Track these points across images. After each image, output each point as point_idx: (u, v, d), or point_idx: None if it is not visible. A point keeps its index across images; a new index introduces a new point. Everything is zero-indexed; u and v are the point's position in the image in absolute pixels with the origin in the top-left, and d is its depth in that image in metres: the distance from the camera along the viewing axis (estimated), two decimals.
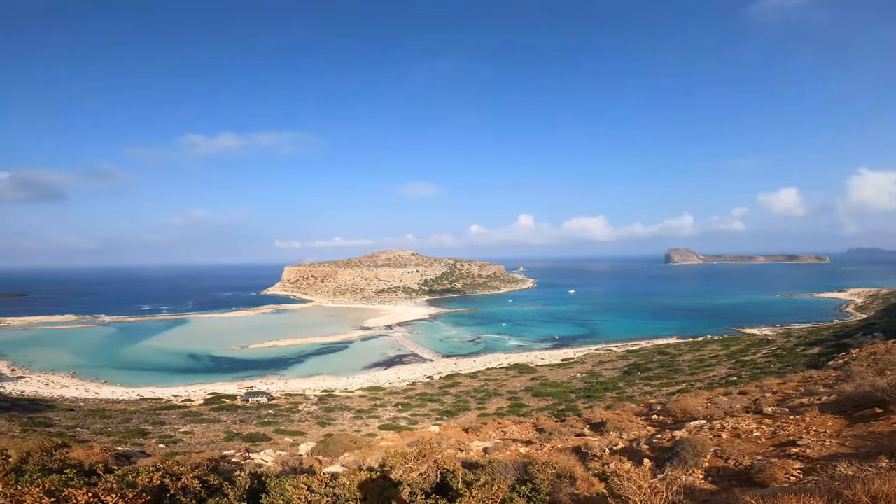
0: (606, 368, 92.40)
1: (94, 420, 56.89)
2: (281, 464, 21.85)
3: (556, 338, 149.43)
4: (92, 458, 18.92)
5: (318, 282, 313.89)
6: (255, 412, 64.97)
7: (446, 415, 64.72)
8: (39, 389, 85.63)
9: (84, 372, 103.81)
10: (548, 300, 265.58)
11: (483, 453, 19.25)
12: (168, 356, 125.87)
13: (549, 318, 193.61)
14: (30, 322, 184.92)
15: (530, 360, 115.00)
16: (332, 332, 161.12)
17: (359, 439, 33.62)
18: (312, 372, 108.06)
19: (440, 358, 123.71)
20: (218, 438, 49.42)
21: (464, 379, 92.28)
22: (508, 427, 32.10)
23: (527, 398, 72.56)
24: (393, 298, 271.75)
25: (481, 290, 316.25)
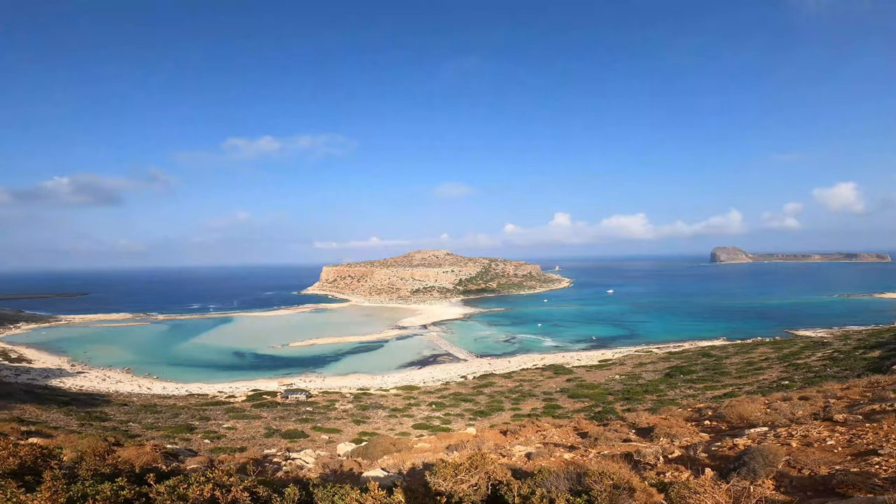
0: (646, 370, 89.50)
1: (145, 415, 59.84)
2: (322, 466, 22.15)
3: (593, 338, 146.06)
4: (142, 459, 19.83)
5: (355, 281, 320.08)
6: (293, 409, 66.83)
7: (480, 415, 64.41)
8: (97, 384, 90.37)
9: (138, 368, 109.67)
10: (585, 300, 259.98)
11: (526, 459, 18.58)
12: (214, 353, 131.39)
13: (586, 319, 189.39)
14: (89, 320, 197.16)
15: (566, 360, 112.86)
16: (369, 332, 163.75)
17: (398, 442, 33.83)
18: (349, 370, 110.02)
19: (474, 358, 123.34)
20: (258, 434, 51.05)
21: (498, 379, 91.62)
22: (548, 430, 31.33)
23: (562, 399, 71.25)
24: (428, 298, 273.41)
25: (516, 289, 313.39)
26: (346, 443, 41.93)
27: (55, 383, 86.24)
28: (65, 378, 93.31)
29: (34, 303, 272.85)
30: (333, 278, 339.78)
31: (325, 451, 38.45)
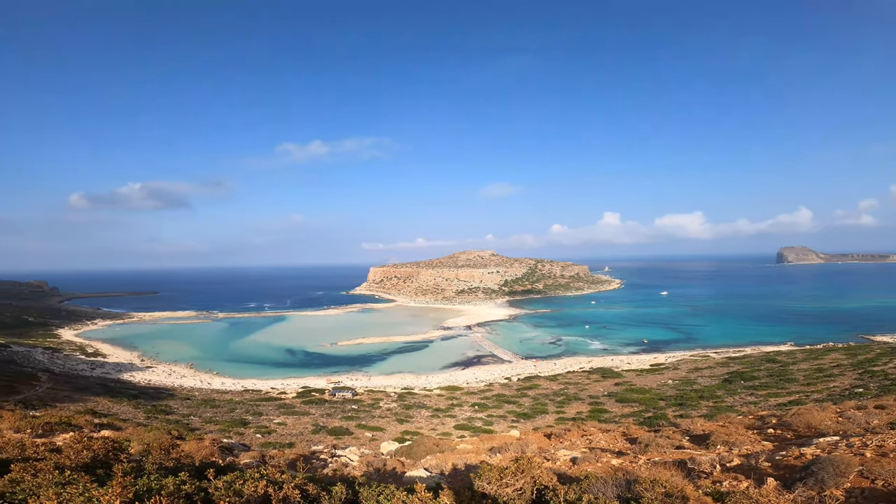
0: (703, 375, 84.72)
1: (205, 409, 63.22)
2: (366, 464, 22.46)
3: (644, 342, 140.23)
4: (202, 453, 20.93)
5: (401, 282, 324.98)
6: (340, 406, 68.52)
7: (523, 417, 63.29)
8: (163, 379, 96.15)
9: (200, 363, 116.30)
10: (636, 302, 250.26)
11: (571, 463, 18.10)
12: (268, 350, 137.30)
13: (637, 321, 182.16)
14: (157, 317, 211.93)
15: (615, 364, 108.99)
16: (414, 332, 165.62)
17: (441, 442, 33.85)
18: (394, 370, 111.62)
19: (519, 359, 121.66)
20: (306, 431, 52.68)
21: (543, 381, 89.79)
22: (594, 435, 30.18)
23: (609, 404, 68.73)
24: (473, 299, 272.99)
25: (563, 290, 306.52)
26: (390, 441, 42.49)
27: (126, 377, 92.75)
28: (135, 372, 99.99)
29: (110, 301, 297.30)
30: (380, 279, 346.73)
31: (369, 448, 39.02)
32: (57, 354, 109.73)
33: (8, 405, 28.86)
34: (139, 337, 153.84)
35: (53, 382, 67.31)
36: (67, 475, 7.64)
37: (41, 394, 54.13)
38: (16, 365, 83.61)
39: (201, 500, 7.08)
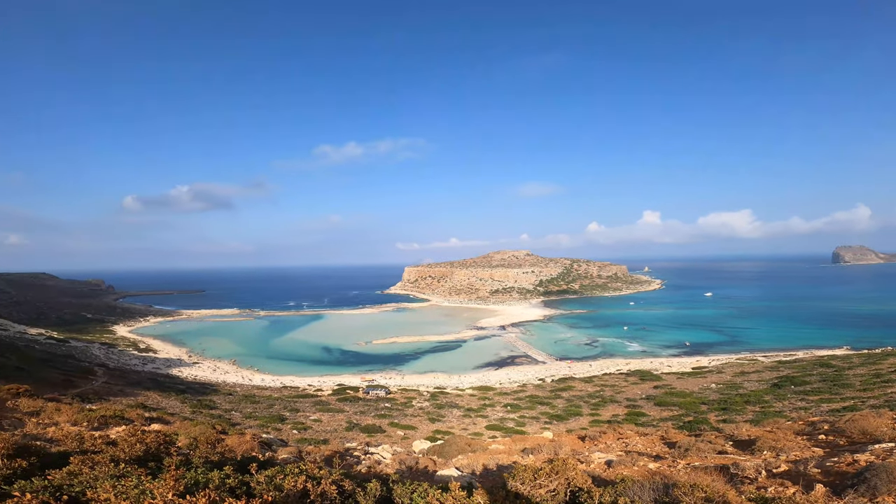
0: (749, 380, 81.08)
1: (245, 405, 65.47)
2: (398, 462, 22.90)
3: (686, 344, 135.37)
4: (243, 447, 21.96)
5: (435, 282, 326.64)
6: (373, 405, 69.72)
7: (556, 419, 62.49)
8: (208, 374, 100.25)
9: (242, 360, 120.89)
10: (678, 303, 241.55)
11: (606, 466, 17.81)
12: (306, 348, 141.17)
13: (678, 323, 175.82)
14: (204, 314, 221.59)
15: (654, 366, 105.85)
16: (447, 331, 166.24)
17: (473, 442, 34.03)
18: (427, 369, 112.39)
19: (553, 360, 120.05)
20: (340, 427, 53.89)
21: (577, 383, 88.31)
22: (631, 438, 29.65)
23: (647, 407, 66.86)
24: (507, 299, 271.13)
25: (600, 291, 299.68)
26: (421, 440, 42.98)
27: (174, 372, 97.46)
28: (182, 368, 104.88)
29: (161, 298, 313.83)
30: (415, 278, 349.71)
31: (401, 447, 39.60)
32: (112, 350, 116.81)
33: (66, 399, 31.11)
34: (187, 334, 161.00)
35: (108, 377, 71.74)
36: (122, 468, 8.02)
37: (97, 388, 57.87)
38: (74, 360, 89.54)
39: (244, 493, 7.24)
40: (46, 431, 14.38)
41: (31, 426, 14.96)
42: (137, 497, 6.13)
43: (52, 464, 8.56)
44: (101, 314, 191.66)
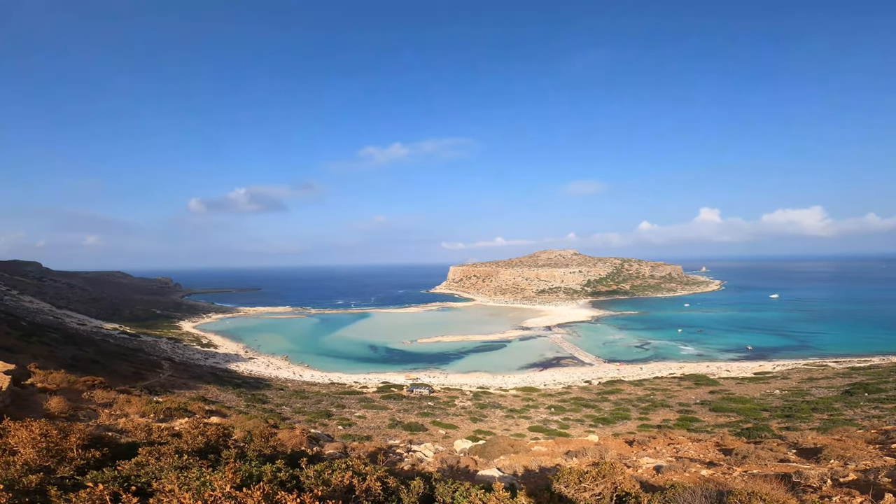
0: (818, 386, 75.79)
1: (295, 400, 68.31)
2: (440, 461, 23.35)
3: (748, 348, 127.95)
4: (292, 441, 23.20)
5: (480, 281, 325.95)
6: (416, 403, 70.79)
7: (602, 422, 61.01)
8: (262, 370, 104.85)
9: (293, 356, 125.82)
10: (739, 305, 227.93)
11: (654, 472, 17.40)
12: (353, 346, 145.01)
13: (739, 326, 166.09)
14: (260, 312, 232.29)
15: (711, 371, 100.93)
16: (492, 331, 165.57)
17: (515, 443, 33.95)
18: (470, 368, 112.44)
19: (601, 362, 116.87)
20: (383, 424, 55.17)
21: (626, 386, 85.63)
22: (683, 444, 28.69)
23: (702, 412, 63.93)
24: (553, 299, 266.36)
25: (653, 291, 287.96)
26: (463, 439, 43.31)
27: (232, 367, 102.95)
28: (239, 363, 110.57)
29: (221, 296, 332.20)
30: (459, 278, 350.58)
31: (443, 445, 40.10)
32: (178, 345, 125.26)
33: (135, 391, 33.90)
34: (244, 330, 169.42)
35: (174, 370, 77.14)
36: (185, 459, 8.45)
37: (163, 380, 62.45)
38: (144, 353, 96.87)
39: (294, 487, 7.50)
40: (117, 422, 15.90)
41: (104, 417, 16.59)
42: (199, 489, 6.38)
43: (122, 454, 9.14)
44: (168, 310, 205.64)
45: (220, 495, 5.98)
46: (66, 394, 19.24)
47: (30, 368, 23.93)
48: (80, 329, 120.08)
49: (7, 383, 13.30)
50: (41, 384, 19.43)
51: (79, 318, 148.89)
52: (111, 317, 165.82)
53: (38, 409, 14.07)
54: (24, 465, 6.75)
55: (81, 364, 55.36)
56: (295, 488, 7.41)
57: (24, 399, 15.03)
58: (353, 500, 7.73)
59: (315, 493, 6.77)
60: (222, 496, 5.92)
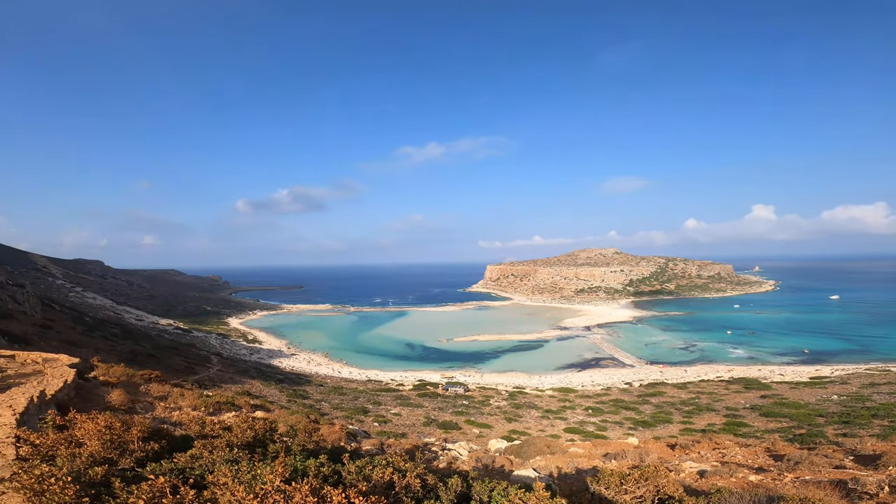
0: (879, 392, 70.92)
1: (334, 396, 69.97)
2: (475, 460, 23.62)
3: (805, 351, 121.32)
4: (332, 436, 24.04)
5: (518, 280, 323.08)
6: (451, 401, 71.17)
7: (642, 425, 59.36)
8: (303, 366, 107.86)
9: (333, 352, 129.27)
10: (795, 306, 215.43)
11: (698, 476, 17.02)
12: (390, 343, 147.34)
13: (794, 328, 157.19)
14: (302, 309, 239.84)
15: (762, 374, 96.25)
16: (529, 330, 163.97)
17: (552, 444, 33.76)
18: (506, 368, 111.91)
19: (643, 364, 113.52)
20: (418, 422, 55.85)
21: (669, 389, 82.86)
22: (729, 448, 27.79)
23: (751, 417, 61.07)
24: (593, 299, 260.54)
25: (700, 292, 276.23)
26: (497, 439, 43.32)
27: (275, 363, 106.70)
28: (282, 359, 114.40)
29: (266, 293, 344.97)
30: (497, 277, 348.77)
31: (477, 444, 40.32)
32: (226, 340, 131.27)
33: (187, 385, 35.95)
34: (287, 326, 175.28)
35: (222, 365, 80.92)
36: (235, 453, 8.69)
37: (212, 375, 65.69)
38: (195, 349, 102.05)
39: (336, 481, 7.76)
40: (172, 415, 17.05)
41: (160, 410, 17.81)
42: (250, 482, 6.58)
43: (178, 447, 9.53)
44: (217, 307, 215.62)
45: (271, 489, 6.18)
46: (125, 387, 20.77)
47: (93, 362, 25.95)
48: (138, 324, 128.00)
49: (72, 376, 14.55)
50: (103, 377, 21.06)
51: (137, 313, 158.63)
52: (166, 313, 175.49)
53: (100, 402, 15.29)
54: (89, 456, 7.29)
55: (139, 358, 59.10)
56: (338, 483, 7.62)
57: (87, 392, 16.38)
58: (393, 496, 7.85)
59: (359, 488, 6.93)
60: (272, 490, 6.14)
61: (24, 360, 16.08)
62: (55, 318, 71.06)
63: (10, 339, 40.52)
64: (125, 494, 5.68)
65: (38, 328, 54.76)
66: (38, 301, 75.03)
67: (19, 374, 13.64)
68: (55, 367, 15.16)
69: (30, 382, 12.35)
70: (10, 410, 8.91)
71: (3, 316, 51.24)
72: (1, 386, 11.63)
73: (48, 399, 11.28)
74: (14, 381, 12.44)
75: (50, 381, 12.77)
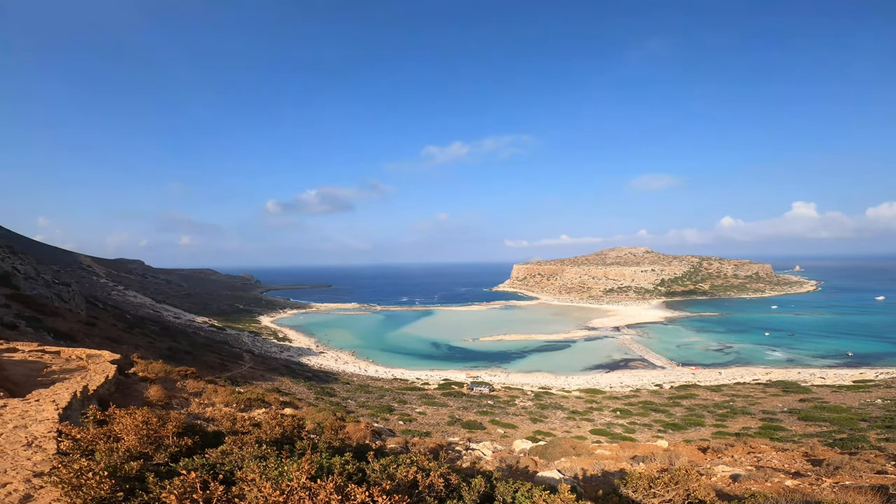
0: None
1: (360, 394, 71.00)
2: (499, 460, 23.57)
3: (848, 354, 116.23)
4: (358, 434, 24.40)
5: (545, 279, 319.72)
6: (476, 401, 71.12)
7: (672, 427, 57.91)
8: (331, 364, 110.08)
9: (360, 351, 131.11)
10: (838, 308, 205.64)
11: (731, 481, 16.64)
12: (416, 342, 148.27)
13: (838, 330, 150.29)
14: (330, 308, 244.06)
15: (802, 378, 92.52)
16: (556, 330, 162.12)
17: (578, 445, 33.32)
18: (532, 368, 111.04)
19: (675, 366, 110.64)
20: (443, 421, 56.03)
21: (702, 391, 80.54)
22: (764, 453, 26.87)
23: (789, 421, 58.85)
24: (623, 299, 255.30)
25: (736, 292, 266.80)
26: (522, 439, 43.02)
27: (304, 360, 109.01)
28: (311, 356, 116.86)
29: (296, 292, 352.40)
30: (523, 276, 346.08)
31: (501, 445, 40.17)
32: (257, 338, 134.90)
33: (220, 381, 37.09)
34: (316, 325, 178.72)
35: (253, 363, 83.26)
36: (263, 449, 8.79)
37: (244, 372, 67.72)
38: (228, 346, 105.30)
39: (361, 479, 7.77)
40: (205, 411, 17.66)
41: (194, 406, 18.46)
42: (277, 478, 6.68)
43: (210, 442, 9.72)
44: (250, 306, 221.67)
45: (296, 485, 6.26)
46: (162, 383, 21.65)
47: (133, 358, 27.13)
48: (175, 322, 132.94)
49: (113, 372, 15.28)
50: (142, 373, 22.00)
51: (174, 311, 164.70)
52: (202, 311, 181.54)
53: (138, 397, 16.00)
54: (126, 451, 7.60)
55: (176, 355, 61.43)
56: (363, 481, 7.64)
57: (127, 387, 17.18)
58: (416, 495, 7.84)
59: (383, 486, 6.99)
60: (298, 487, 6.22)
61: (69, 356, 16.99)
62: (98, 316, 74.63)
63: (56, 336, 42.81)
64: (158, 489, 5.89)
65: (83, 325, 57.63)
66: (83, 299, 78.91)
67: (64, 369, 14.43)
68: (97, 363, 15.96)
69: (73, 378, 13.05)
70: (54, 405, 9.43)
71: (51, 313, 54.16)
72: (46, 381, 12.32)
73: (90, 394, 11.88)
74: (59, 376, 13.17)
75: (92, 377, 13.45)
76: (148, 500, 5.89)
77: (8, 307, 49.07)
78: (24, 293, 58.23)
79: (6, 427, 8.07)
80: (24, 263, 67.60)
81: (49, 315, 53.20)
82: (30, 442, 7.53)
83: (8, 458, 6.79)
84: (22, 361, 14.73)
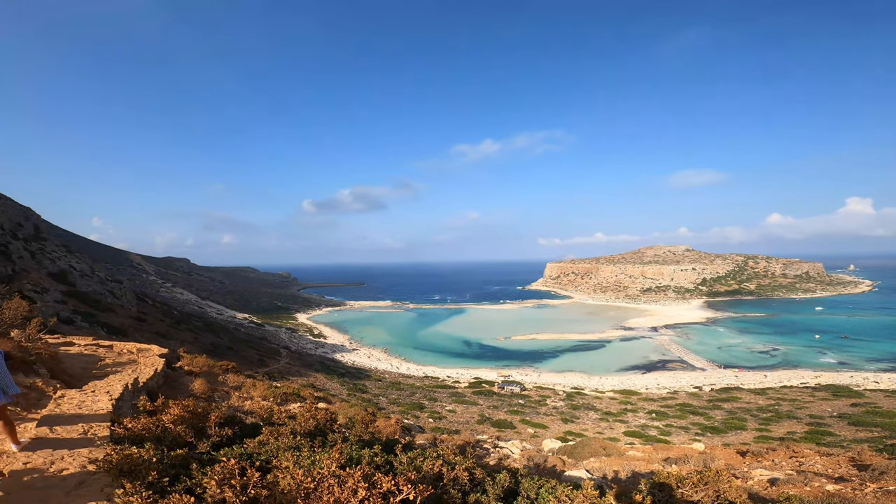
0: None
1: (391, 391, 72.09)
2: (527, 458, 23.70)
3: None
4: (388, 430, 25.10)
5: (579, 278, 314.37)
6: (507, 400, 70.92)
7: (711, 431, 56.06)
8: (364, 361, 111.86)
9: (392, 348, 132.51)
10: (895, 309, 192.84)
11: (768, 485, 16.18)
12: (448, 340, 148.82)
13: (893, 333, 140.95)
14: (363, 305, 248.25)
15: (855, 382, 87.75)
16: (590, 330, 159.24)
17: (608, 446, 32.95)
18: (565, 368, 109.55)
19: (715, 368, 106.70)
20: (472, 420, 56.27)
21: (744, 394, 77.53)
22: (808, 457, 25.88)
23: (838, 426, 55.96)
24: (661, 298, 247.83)
25: (785, 292, 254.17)
26: (552, 439, 42.79)
27: (338, 357, 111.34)
28: (344, 353, 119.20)
29: (331, 290, 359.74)
30: (557, 275, 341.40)
31: (530, 444, 40.07)
32: (294, 334, 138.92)
33: (259, 376, 38.69)
34: (350, 322, 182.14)
35: (290, 358, 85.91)
36: (297, 440, 9.31)
37: (281, 367, 70.07)
38: (267, 342, 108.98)
39: (388, 470, 8.08)
40: (244, 404, 18.59)
41: (234, 399, 19.46)
42: (309, 467, 7.04)
43: (248, 433, 10.32)
44: (287, 303, 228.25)
45: (327, 473, 6.62)
46: (206, 376, 22.85)
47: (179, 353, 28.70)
48: (218, 318, 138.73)
49: (162, 366, 16.32)
50: (187, 367, 23.28)
51: (217, 308, 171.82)
52: (242, 308, 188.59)
53: (184, 390, 17.03)
54: (172, 440, 8.28)
55: (218, 350, 64.27)
56: (390, 472, 7.90)
57: (173, 380, 18.27)
58: (441, 487, 8.09)
59: (408, 476, 7.24)
60: (328, 474, 6.58)
61: (121, 350, 18.25)
62: (148, 312, 78.96)
63: (109, 331, 45.70)
64: (200, 475, 6.43)
65: (134, 320, 61.20)
66: (133, 296, 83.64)
67: (116, 362, 15.55)
68: (147, 357, 17.09)
69: (125, 371, 14.08)
70: (108, 396, 10.28)
71: (104, 309, 57.77)
72: (100, 374, 13.36)
73: (140, 386, 12.81)
74: (112, 369, 14.23)
75: (142, 370, 14.46)
76: (191, 486, 6.38)
77: (65, 303, 52.71)
78: (79, 290, 62.32)
79: (64, 416, 8.88)
80: (79, 262, 72.22)
81: (103, 311, 56.75)
82: (85, 430, 8.25)
83: (66, 446, 7.46)
84: (78, 355, 15.97)
